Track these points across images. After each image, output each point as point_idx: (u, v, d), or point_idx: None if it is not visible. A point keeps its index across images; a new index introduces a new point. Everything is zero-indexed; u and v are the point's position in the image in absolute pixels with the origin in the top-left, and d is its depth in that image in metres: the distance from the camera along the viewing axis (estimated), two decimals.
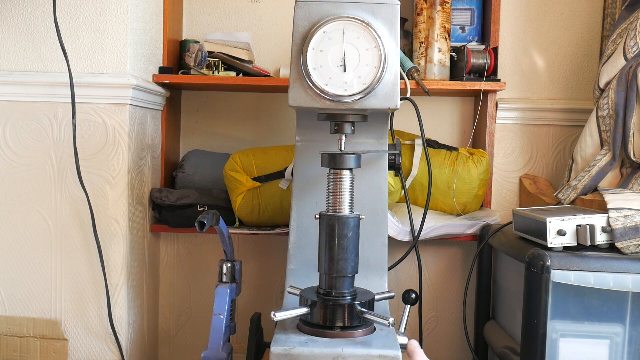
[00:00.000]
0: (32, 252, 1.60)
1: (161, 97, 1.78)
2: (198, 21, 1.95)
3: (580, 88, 1.92)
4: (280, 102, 1.96)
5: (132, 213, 1.63)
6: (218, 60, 1.77)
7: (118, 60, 1.56)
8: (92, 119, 1.57)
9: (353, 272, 1.13)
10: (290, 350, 1.04)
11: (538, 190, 1.83)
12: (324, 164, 1.13)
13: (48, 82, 1.55)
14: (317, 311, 1.11)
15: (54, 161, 1.58)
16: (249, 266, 1.93)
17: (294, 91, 1.12)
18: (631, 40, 1.54)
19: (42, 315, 1.60)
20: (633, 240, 1.33)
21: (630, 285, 1.31)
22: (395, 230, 1.65)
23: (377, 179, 1.29)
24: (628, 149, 1.52)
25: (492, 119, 1.86)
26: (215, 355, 1.32)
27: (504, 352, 1.55)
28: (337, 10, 1.11)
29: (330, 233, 1.11)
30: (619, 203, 1.38)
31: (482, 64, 1.75)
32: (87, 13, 1.56)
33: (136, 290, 1.69)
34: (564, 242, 1.35)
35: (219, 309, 1.37)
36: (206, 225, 1.23)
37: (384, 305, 1.25)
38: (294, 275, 1.29)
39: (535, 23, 1.92)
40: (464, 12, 1.90)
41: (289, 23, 1.89)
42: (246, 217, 1.73)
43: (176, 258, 1.94)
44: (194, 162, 1.85)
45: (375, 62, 1.10)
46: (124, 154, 1.57)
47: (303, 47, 1.10)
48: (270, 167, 1.69)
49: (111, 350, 1.60)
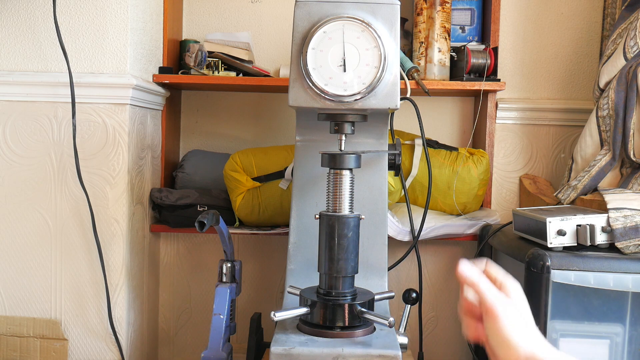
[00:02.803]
0: (32, 252, 1.60)
1: (161, 97, 1.78)
2: (198, 21, 1.95)
3: (580, 88, 1.92)
4: (280, 102, 1.96)
5: (132, 213, 1.63)
6: (218, 60, 1.77)
7: (118, 60, 1.56)
8: (92, 119, 1.57)
9: (353, 272, 1.13)
10: (290, 350, 1.04)
11: (538, 190, 1.83)
12: (324, 164, 1.13)
13: (48, 82, 1.55)
14: (317, 311, 1.11)
15: (54, 161, 1.58)
16: (249, 266, 1.93)
17: (294, 91, 1.12)
18: (631, 40, 1.54)
19: (42, 315, 1.60)
20: (633, 240, 1.33)
21: (630, 285, 1.31)
22: (395, 230, 1.65)
23: (377, 179, 1.29)
24: (628, 149, 1.52)
25: (492, 119, 1.86)
26: (215, 355, 1.32)
27: None
28: (337, 10, 1.11)
29: (330, 233, 1.11)
30: (619, 203, 1.38)
31: (482, 64, 1.75)
32: (87, 13, 1.56)
33: (136, 290, 1.69)
34: (564, 242, 1.35)
35: (219, 309, 1.37)
36: (206, 225, 1.23)
37: (384, 305, 1.25)
38: (294, 275, 1.29)
39: (535, 23, 1.92)
40: (464, 12, 1.90)
41: (289, 23, 1.89)
42: (246, 217, 1.73)
43: (176, 258, 1.94)
44: (194, 162, 1.85)
45: (375, 62, 1.10)
46: (124, 154, 1.57)
47: (303, 47, 1.10)
48: (270, 167, 1.69)
49: (111, 350, 1.60)
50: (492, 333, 0.79)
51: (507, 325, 0.78)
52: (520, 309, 0.81)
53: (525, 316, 0.81)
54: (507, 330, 0.78)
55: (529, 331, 0.79)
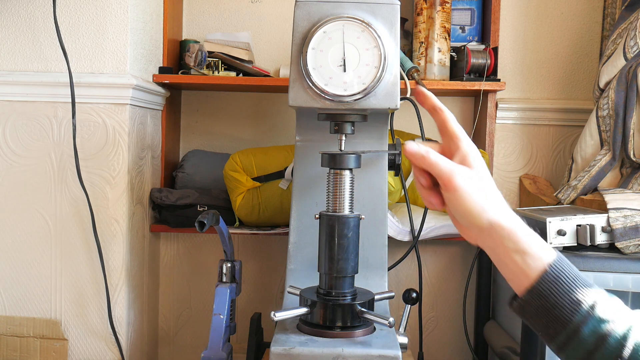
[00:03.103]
0: (32, 252, 1.60)
1: (161, 97, 1.78)
2: (198, 21, 1.96)
3: (580, 88, 1.92)
4: (280, 102, 1.96)
5: (132, 213, 1.63)
6: (218, 60, 1.77)
7: (118, 60, 1.56)
8: (92, 119, 1.57)
9: (353, 272, 1.13)
10: (290, 350, 1.04)
11: (538, 190, 1.83)
12: (324, 164, 1.13)
13: (48, 82, 1.55)
14: (317, 311, 1.11)
15: (54, 161, 1.58)
16: (249, 266, 1.93)
17: (294, 91, 1.12)
18: (631, 40, 1.54)
19: (42, 315, 1.60)
20: (633, 240, 1.33)
21: (630, 285, 1.30)
22: (395, 230, 1.65)
23: (377, 179, 1.29)
24: (628, 149, 1.52)
25: (492, 119, 1.86)
26: (215, 355, 1.32)
27: (504, 352, 1.55)
28: (337, 10, 1.11)
29: (330, 233, 1.11)
30: (619, 203, 1.38)
31: (482, 64, 1.75)
32: (87, 13, 1.56)
33: (136, 290, 1.69)
34: (564, 242, 1.35)
35: (219, 309, 1.37)
36: (206, 225, 1.23)
37: (384, 305, 1.25)
38: (294, 275, 1.29)
39: (535, 23, 1.92)
40: (464, 12, 1.90)
41: (289, 23, 1.89)
42: (246, 217, 1.73)
43: (176, 258, 1.94)
44: (194, 162, 1.85)
45: (375, 62, 1.10)
46: (124, 154, 1.57)
47: (303, 47, 1.10)
48: (270, 167, 1.69)
49: (111, 350, 1.60)
50: (453, 205, 0.77)
51: (468, 194, 0.75)
52: (481, 176, 0.77)
53: (486, 184, 0.78)
54: (469, 200, 0.75)
55: (491, 199, 0.77)
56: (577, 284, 0.75)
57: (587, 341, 0.73)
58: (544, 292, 0.74)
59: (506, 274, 0.77)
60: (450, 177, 0.75)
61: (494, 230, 0.76)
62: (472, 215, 0.76)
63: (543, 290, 0.74)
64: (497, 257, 0.77)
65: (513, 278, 0.76)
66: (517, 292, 0.77)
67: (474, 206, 0.76)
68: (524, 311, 0.76)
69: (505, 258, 0.76)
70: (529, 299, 0.75)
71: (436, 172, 0.77)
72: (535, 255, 0.75)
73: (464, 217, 0.77)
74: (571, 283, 0.74)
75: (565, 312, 0.73)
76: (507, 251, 0.75)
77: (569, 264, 0.76)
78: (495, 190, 0.78)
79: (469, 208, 0.76)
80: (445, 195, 0.78)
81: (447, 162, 0.77)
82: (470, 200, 0.76)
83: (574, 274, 0.76)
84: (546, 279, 0.74)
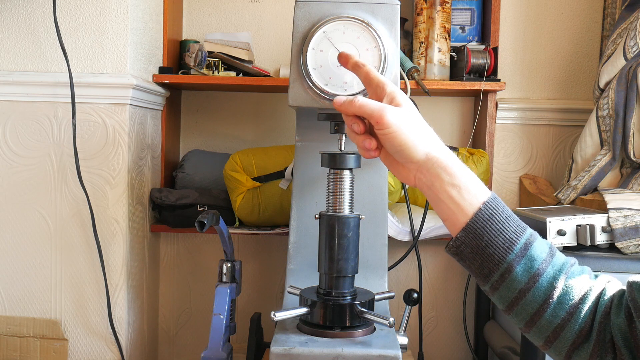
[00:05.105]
0: (32, 252, 1.60)
1: (161, 97, 1.78)
2: (198, 21, 1.96)
3: (580, 88, 1.92)
4: (280, 102, 1.96)
5: (132, 213, 1.63)
6: (218, 60, 1.77)
7: (118, 60, 1.56)
8: (92, 119, 1.57)
9: (353, 272, 1.13)
10: (290, 350, 1.04)
11: (538, 190, 1.83)
12: (324, 164, 1.13)
13: (48, 82, 1.55)
14: (317, 311, 1.11)
15: (54, 161, 1.58)
16: (249, 266, 1.93)
17: (294, 91, 1.12)
18: (631, 40, 1.54)
19: (42, 315, 1.60)
20: (633, 240, 1.33)
21: None
22: (395, 230, 1.65)
23: (377, 179, 1.29)
24: (628, 149, 1.52)
25: (492, 119, 1.86)
26: (215, 355, 1.32)
27: (504, 352, 1.55)
28: (337, 10, 1.11)
29: (330, 233, 1.11)
30: (619, 203, 1.38)
31: (482, 64, 1.75)
32: (87, 13, 1.56)
33: (136, 290, 1.69)
34: (564, 242, 1.35)
35: (219, 309, 1.37)
36: (206, 225, 1.23)
37: (384, 305, 1.25)
38: (294, 275, 1.29)
39: (535, 23, 1.92)
40: (464, 12, 1.90)
41: (289, 23, 1.89)
42: (246, 217, 1.73)
43: (176, 258, 1.94)
44: (194, 162, 1.85)
45: (375, 62, 1.10)
46: (124, 154, 1.57)
47: (303, 47, 1.10)
48: (270, 167, 1.69)
49: (111, 350, 1.60)
50: (389, 141, 0.77)
51: (401, 128, 0.76)
52: (411, 113, 0.78)
53: (418, 120, 0.78)
54: (403, 134, 0.76)
55: (425, 133, 0.78)
56: (510, 222, 0.76)
57: (520, 280, 0.74)
58: (479, 230, 0.75)
59: (443, 211, 0.77)
60: (381, 114, 0.76)
61: (431, 162, 0.77)
62: (408, 148, 0.77)
63: (478, 229, 0.75)
64: (433, 193, 0.77)
65: (450, 215, 0.77)
66: (453, 234, 0.78)
67: (409, 139, 0.77)
68: (460, 252, 0.77)
69: (441, 193, 0.76)
70: (465, 238, 0.76)
71: (367, 113, 0.78)
72: (471, 190, 0.76)
73: (400, 153, 0.77)
74: (505, 222, 0.75)
75: (499, 250, 0.74)
76: (444, 185, 0.76)
77: (503, 204, 0.77)
78: (428, 127, 0.79)
79: (404, 141, 0.76)
80: (380, 134, 0.78)
81: (376, 102, 0.78)
82: (405, 134, 0.76)
83: (507, 213, 0.76)
84: (480, 217, 0.75)
